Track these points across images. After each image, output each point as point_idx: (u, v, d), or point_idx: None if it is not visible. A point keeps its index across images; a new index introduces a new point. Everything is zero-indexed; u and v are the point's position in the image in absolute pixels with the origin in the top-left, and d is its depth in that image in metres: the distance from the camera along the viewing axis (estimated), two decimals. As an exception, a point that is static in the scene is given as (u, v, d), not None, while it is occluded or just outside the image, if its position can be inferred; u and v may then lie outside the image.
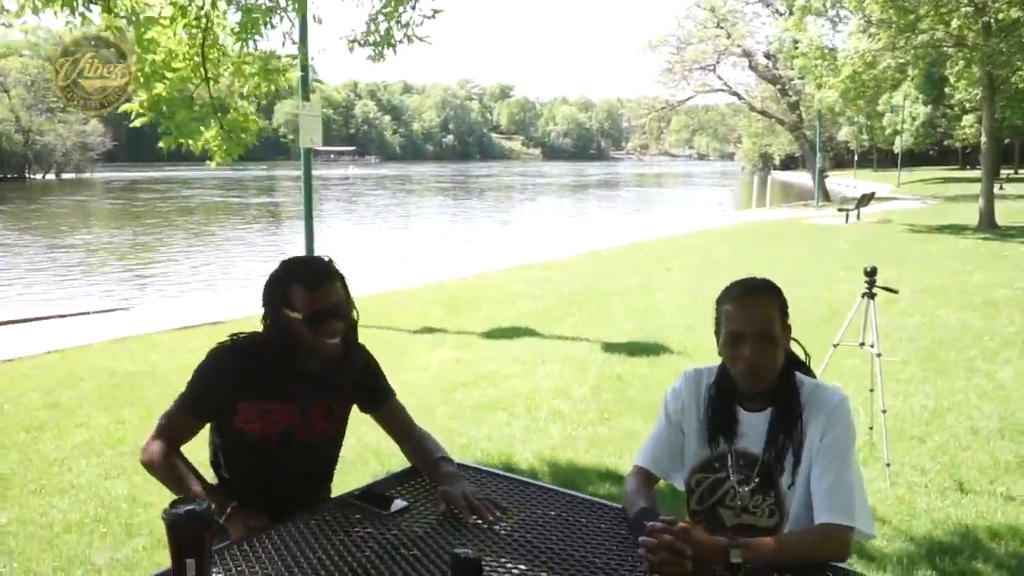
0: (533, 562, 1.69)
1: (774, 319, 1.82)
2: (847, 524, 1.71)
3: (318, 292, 2.07)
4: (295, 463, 2.13)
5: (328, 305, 2.07)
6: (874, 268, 4.04)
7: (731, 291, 1.88)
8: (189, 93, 4.58)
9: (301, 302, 2.05)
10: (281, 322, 2.07)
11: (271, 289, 2.12)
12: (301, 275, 2.09)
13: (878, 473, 4.02)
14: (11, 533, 3.53)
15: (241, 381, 2.07)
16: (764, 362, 1.81)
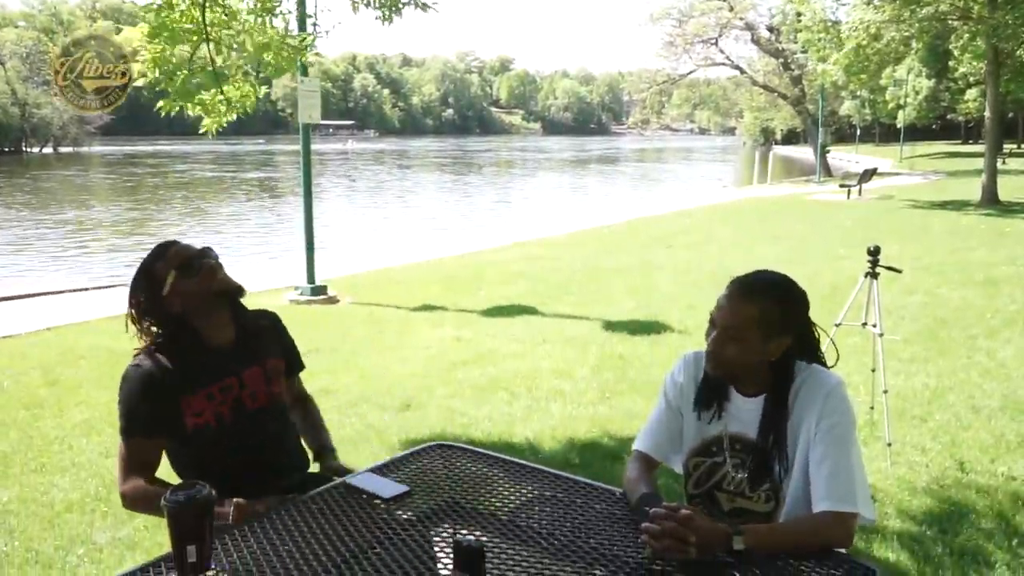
0: (534, 547, 1.68)
1: (747, 323, 1.78)
2: (849, 510, 1.70)
3: (170, 252, 2.12)
4: (255, 434, 2.14)
5: (188, 254, 2.12)
6: (877, 247, 4.00)
7: (735, 277, 1.87)
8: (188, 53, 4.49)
9: (166, 268, 2.09)
10: (168, 308, 2.09)
11: (139, 293, 2.12)
12: (152, 254, 2.15)
13: (879, 452, 4.02)
14: (12, 512, 3.53)
15: (171, 382, 2.04)
16: (721, 354, 1.81)
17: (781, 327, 1.80)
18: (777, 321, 1.79)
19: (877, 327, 4.01)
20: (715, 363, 1.84)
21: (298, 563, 1.61)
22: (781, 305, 1.82)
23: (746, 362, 1.81)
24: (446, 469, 2.10)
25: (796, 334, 1.84)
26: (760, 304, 1.80)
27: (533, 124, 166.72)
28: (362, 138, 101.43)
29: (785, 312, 1.82)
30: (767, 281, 1.85)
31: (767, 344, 1.79)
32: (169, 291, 2.08)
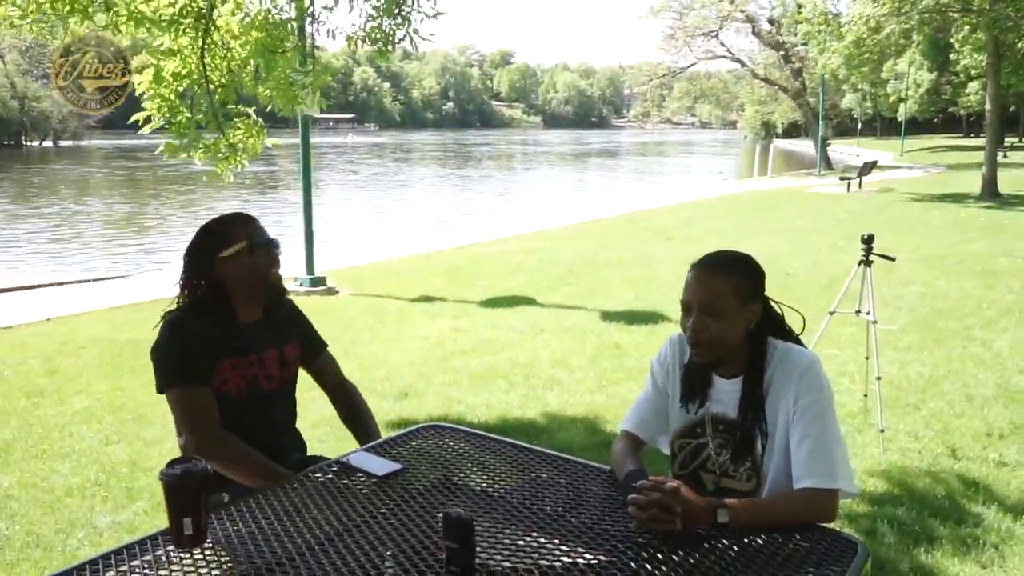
0: (524, 522, 1.71)
1: (722, 294, 1.81)
2: (831, 487, 1.73)
3: (251, 223, 2.21)
4: (263, 416, 2.19)
5: (262, 232, 2.20)
6: (871, 236, 4.03)
7: (694, 262, 1.90)
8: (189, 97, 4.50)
9: (235, 236, 2.15)
10: (216, 271, 2.13)
11: (200, 245, 2.17)
12: (226, 219, 2.22)
13: (872, 439, 4.05)
14: (13, 497, 3.57)
15: (203, 343, 2.09)
16: (704, 334, 1.83)
17: (751, 293, 1.85)
18: (748, 290, 1.85)
19: (871, 315, 4.04)
20: (701, 344, 1.85)
21: (292, 537, 1.64)
22: (747, 273, 1.87)
23: (729, 338, 1.83)
24: (439, 449, 2.13)
25: (763, 305, 1.88)
26: (730, 275, 1.84)
27: (534, 118, 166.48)
28: (362, 132, 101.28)
29: (750, 277, 1.87)
30: (728, 255, 1.91)
31: (743, 312, 1.82)
32: (229, 255, 2.13)
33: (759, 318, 1.86)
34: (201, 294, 2.14)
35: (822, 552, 1.61)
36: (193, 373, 2.07)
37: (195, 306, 2.13)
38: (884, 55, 20.15)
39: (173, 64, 4.30)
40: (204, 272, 2.14)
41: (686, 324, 1.87)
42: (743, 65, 34.08)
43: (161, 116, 4.33)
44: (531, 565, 1.55)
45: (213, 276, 2.14)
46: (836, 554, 1.60)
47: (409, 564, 1.54)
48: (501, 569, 1.53)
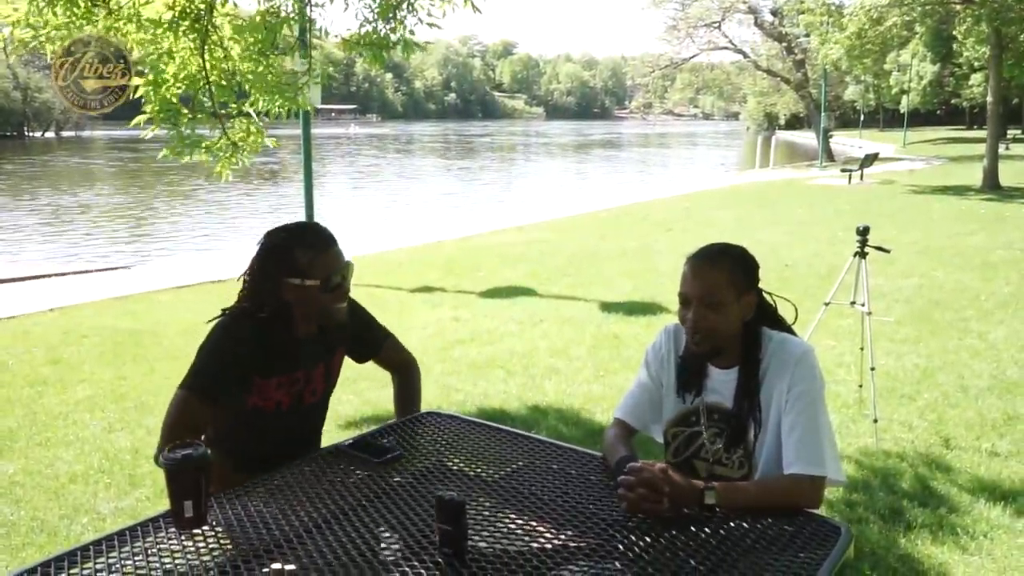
0: (517, 507, 1.75)
1: (720, 285, 1.85)
2: (818, 473, 1.77)
3: (327, 255, 2.06)
4: (300, 425, 2.19)
5: (338, 267, 2.07)
6: (866, 227, 4.06)
7: (690, 255, 1.94)
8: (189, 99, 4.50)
9: (311, 267, 2.02)
10: (282, 292, 2.04)
11: (270, 257, 2.06)
12: (306, 240, 2.07)
13: (866, 429, 4.09)
14: (18, 483, 3.62)
15: (254, 356, 2.02)
16: (704, 326, 1.86)
17: (746, 283, 1.90)
18: (742, 277, 1.89)
19: (865, 306, 4.07)
20: (701, 336, 1.88)
21: (290, 519, 1.69)
22: (743, 265, 1.92)
23: (726, 328, 1.87)
24: (436, 435, 2.17)
25: (758, 296, 1.92)
26: (725, 266, 1.89)
27: (536, 109, 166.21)
28: (364, 123, 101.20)
29: (747, 269, 1.91)
30: (723, 247, 1.95)
31: (740, 303, 1.87)
32: (295, 286, 2.03)
33: (755, 308, 1.90)
34: (263, 306, 2.05)
35: (807, 536, 1.65)
36: (210, 384, 1.99)
37: (255, 315, 2.05)
38: (887, 46, 20.10)
39: (173, 67, 4.33)
40: (270, 287, 2.05)
41: (684, 316, 1.91)
42: (745, 56, 33.96)
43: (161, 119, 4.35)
44: (523, 547, 1.60)
45: (279, 293, 2.04)
46: (820, 538, 1.64)
47: (404, 546, 1.58)
48: (493, 551, 1.57)
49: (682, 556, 1.56)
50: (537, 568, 1.51)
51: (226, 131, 4.29)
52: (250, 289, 2.09)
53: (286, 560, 1.52)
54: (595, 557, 1.56)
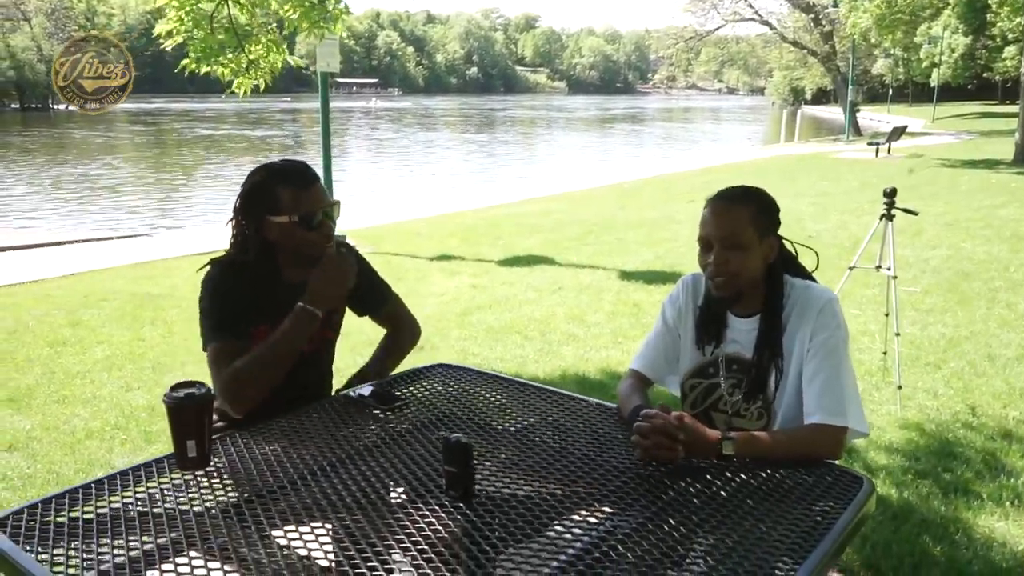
0: (526, 453, 1.71)
1: (742, 225, 1.78)
2: (839, 423, 1.71)
3: (309, 191, 1.99)
4: (302, 375, 2.10)
5: (321, 204, 2.00)
6: (893, 189, 3.95)
7: (710, 196, 1.87)
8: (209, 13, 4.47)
9: (291, 204, 1.96)
10: (266, 232, 1.98)
11: (251, 197, 2.00)
12: (287, 177, 2.00)
13: (889, 396, 4.01)
14: (35, 438, 3.64)
15: (248, 304, 1.97)
16: (727, 268, 1.79)
17: (768, 225, 1.83)
18: (764, 219, 1.82)
19: (891, 270, 3.97)
20: (724, 279, 1.81)
21: (294, 462, 1.65)
22: (760, 202, 1.84)
23: (750, 270, 1.80)
24: (447, 385, 2.13)
25: (779, 239, 1.85)
26: (747, 206, 1.82)
27: (558, 83, 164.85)
28: (386, 96, 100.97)
29: (766, 209, 1.84)
30: (742, 188, 1.88)
31: (762, 244, 1.80)
32: (277, 224, 1.97)
33: (777, 252, 1.83)
34: (247, 250, 2.00)
35: (826, 486, 1.59)
36: (237, 327, 1.95)
37: (240, 262, 2.00)
38: (917, 17, 19.61)
39: None
40: (252, 228, 1.99)
41: (705, 261, 1.84)
42: (771, 28, 33.35)
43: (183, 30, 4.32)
44: (531, 492, 1.55)
45: (261, 234, 1.99)
46: (839, 488, 1.58)
47: (410, 488, 1.54)
48: (501, 495, 1.53)
49: (695, 503, 1.51)
50: (546, 512, 1.47)
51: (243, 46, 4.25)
52: (235, 232, 2.04)
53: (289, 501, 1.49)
54: (605, 503, 1.52)
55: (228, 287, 1.97)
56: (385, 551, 1.34)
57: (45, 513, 1.47)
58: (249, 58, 4.67)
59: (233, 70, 4.67)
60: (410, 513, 1.45)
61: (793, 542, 1.37)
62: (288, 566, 1.30)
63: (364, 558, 1.31)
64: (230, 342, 1.92)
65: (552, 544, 1.37)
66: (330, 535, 1.39)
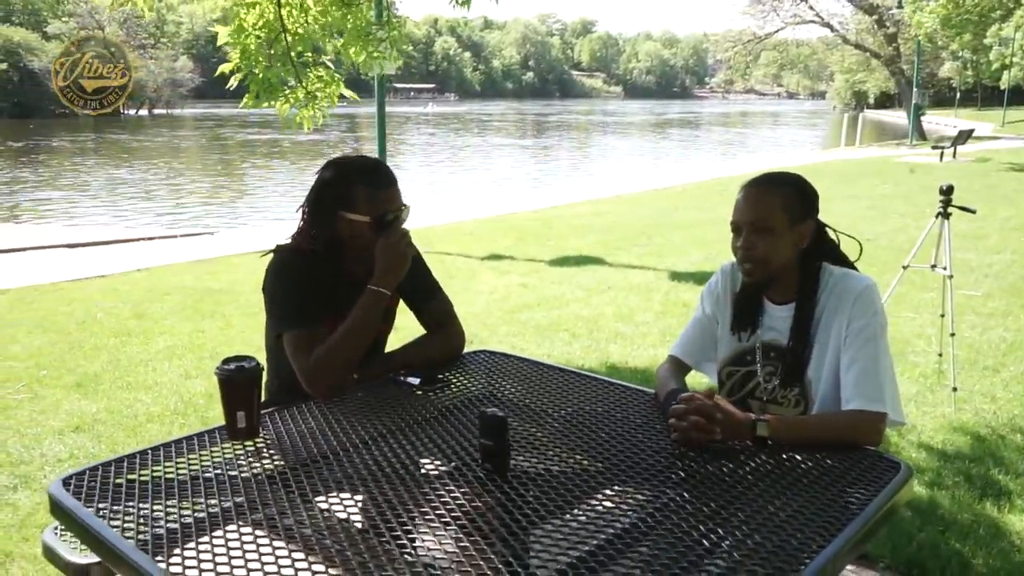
0: (562, 431, 1.75)
1: (771, 210, 1.79)
2: (878, 410, 1.70)
3: (386, 192, 2.01)
4: (364, 364, 2.10)
5: (395, 207, 2.02)
6: (950, 187, 3.87)
7: (745, 183, 1.88)
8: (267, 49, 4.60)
9: (367, 203, 1.97)
10: (337, 226, 1.99)
11: (327, 190, 2.02)
12: (366, 176, 2.01)
13: (944, 398, 3.92)
14: (100, 421, 3.81)
15: (315, 293, 1.99)
16: (755, 253, 1.80)
17: (801, 211, 1.82)
18: (798, 205, 1.81)
19: (947, 269, 3.88)
20: (751, 263, 1.84)
21: (337, 435, 1.72)
22: (794, 188, 1.85)
23: (778, 256, 1.81)
24: (487, 369, 2.18)
25: (816, 226, 1.84)
26: (776, 189, 1.83)
27: (614, 88, 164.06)
28: (442, 101, 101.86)
29: (799, 195, 1.84)
30: (776, 174, 1.90)
31: (793, 230, 1.80)
32: (349, 220, 1.98)
33: (810, 239, 1.83)
34: (316, 243, 2.01)
35: (860, 471, 1.58)
36: (312, 313, 1.96)
37: (307, 252, 2.01)
38: (986, 18, 18.98)
39: (252, 16, 4.46)
40: (324, 222, 2.00)
41: (735, 246, 1.86)
42: (833, 30, 32.66)
43: (243, 66, 4.48)
44: (565, 468, 1.59)
45: (332, 229, 1.99)
46: (875, 473, 1.58)
47: (446, 461, 1.60)
48: (536, 470, 1.57)
49: (727, 482, 1.52)
50: (580, 487, 1.50)
51: (302, 80, 4.38)
52: (305, 221, 2.05)
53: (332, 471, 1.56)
54: (637, 482, 1.54)
55: (298, 274, 1.99)
56: (421, 518, 1.39)
57: (105, 475, 1.56)
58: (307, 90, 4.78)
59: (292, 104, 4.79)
60: (446, 483, 1.51)
61: (821, 524, 1.37)
62: (328, 528, 1.36)
63: (400, 523, 1.36)
64: (308, 329, 1.95)
65: (589, 521, 1.40)
66: (369, 503, 1.45)
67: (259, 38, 4.32)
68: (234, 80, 4.57)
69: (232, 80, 4.58)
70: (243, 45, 4.35)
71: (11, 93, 48.55)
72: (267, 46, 4.41)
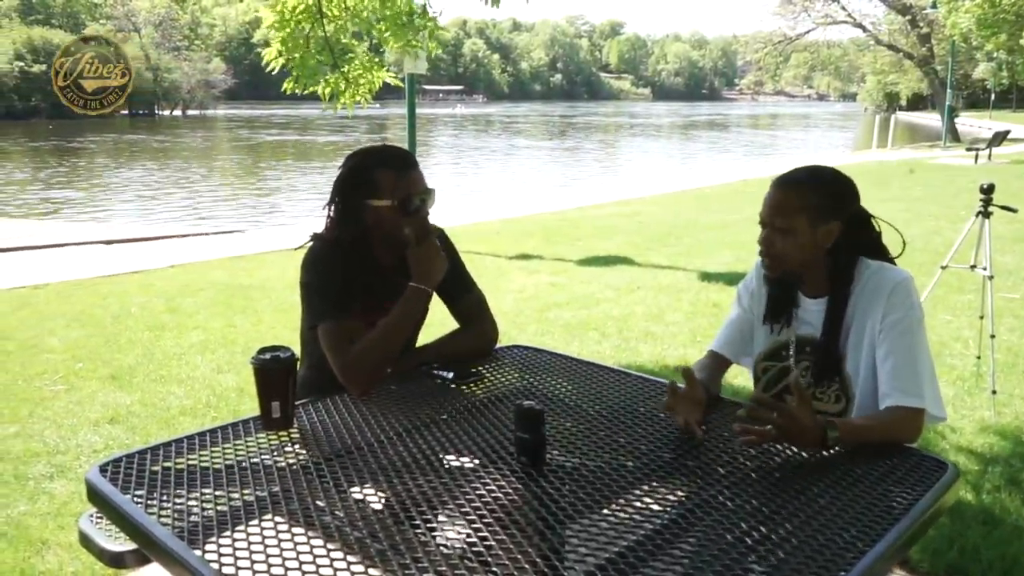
0: (598, 426, 1.73)
1: (789, 210, 1.76)
2: (916, 405, 1.66)
3: (408, 175, 2.01)
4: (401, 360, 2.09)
5: (419, 190, 2.02)
6: (991, 185, 3.79)
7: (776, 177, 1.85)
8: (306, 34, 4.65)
9: (390, 188, 1.97)
10: (364, 215, 2.00)
11: (350, 179, 2.02)
12: (387, 161, 2.03)
13: (983, 402, 3.83)
14: (134, 413, 3.86)
15: (349, 284, 1.99)
16: (772, 249, 1.79)
17: (827, 211, 1.77)
18: (821, 205, 1.77)
19: (987, 270, 3.80)
20: (768, 260, 1.82)
21: (372, 427, 1.71)
22: (823, 188, 1.80)
23: (799, 255, 1.77)
24: (520, 364, 2.17)
25: (848, 223, 1.79)
26: (800, 190, 1.79)
27: (642, 89, 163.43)
28: (471, 103, 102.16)
29: (828, 195, 1.79)
30: (807, 170, 1.84)
31: (815, 230, 1.75)
32: (375, 207, 1.99)
33: (837, 237, 1.78)
34: (345, 233, 2.01)
35: (905, 471, 1.55)
36: (347, 305, 1.96)
37: (338, 242, 2.01)
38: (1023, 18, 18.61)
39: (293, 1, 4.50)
40: (351, 212, 2.01)
41: (758, 240, 1.85)
42: (865, 30, 32.22)
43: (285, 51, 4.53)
44: (602, 463, 1.57)
45: (360, 219, 2.00)
46: (921, 473, 1.54)
47: (481, 453, 1.58)
48: (572, 464, 1.55)
49: (767, 481, 1.49)
50: (616, 481, 1.48)
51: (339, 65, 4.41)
52: (333, 215, 2.05)
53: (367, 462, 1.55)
54: (676, 477, 1.52)
55: (332, 265, 1.99)
56: (456, 511, 1.38)
57: (141, 463, 1.57)
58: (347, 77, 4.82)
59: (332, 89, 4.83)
60: (481, 476, 1.49)
61: (866, 524, 1.34)
62: (363, 519, 1.35)
63: (435, 515, 1.35)
64: (344, 322, 1.93)
65: (627, 517, 1.38)
66: (404, 495, 1.44)
67: (299, 23, 4.36)
68: (276, 64, 4.62)
69: (274, 64, 4.63)
70: (285, 31, 4.39)
71: (49, 94, 49.49)
72: (307, 32, 4.44)
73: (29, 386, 4.25)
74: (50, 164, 24.78)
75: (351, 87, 4.87)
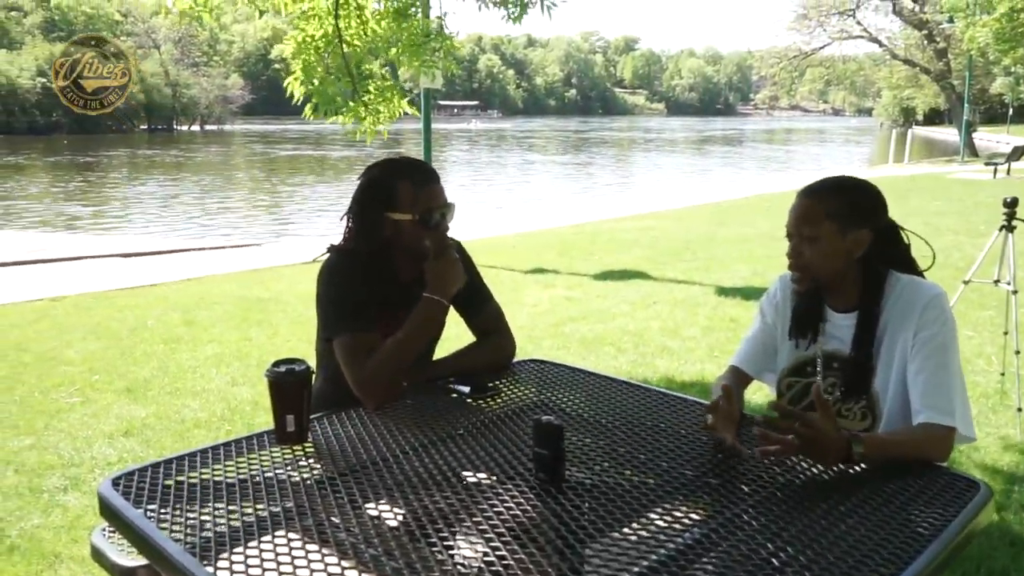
0: (617, 441, 1.69)
1: (816, 218, 1.72)
2: (947, 423, 1.61)
3: (429, 189, 1.99)
4: (414, 372, 2.06)
5: (440, 203, 1.99)
6: (1015, 199, 3.73)
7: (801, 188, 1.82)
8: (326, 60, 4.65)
9: (410, 201, 1.95)
10: (383, 227, 1.98)
11: (370, 191, 2.01)
12: (408, 174, 2.00)
13: (1007, 420, 3.76)
14: (149, 426, 3.85)
15: (368, 297, 1.96)
16: (800, 261, 1.75)
17: (856, 218, 1.73)
18: (848, 213, 1.73)
19: (1011, 284, 3.74)
20: (798, 272, 1.79)
21: (387, 441, 1.69)
22: (849, 194, 1.77)
23: (828, 264, 1.74)
24: (538, 378, 2.14)
25: (878, 233, 1.75)
26: (827, 198, 1.76)
27: (657, 105, 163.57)
28: (485, 118, 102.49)
29: (855, 203, 1.76)
30: (832, 179, 1.82)
31: (844, 239, 1.72)
32: (394, 220, 1.96)
33: (867, 247, 1.75)
34: (363, 244, 1.99)
35: (937, 490, 1.50)
36: (366, 317, 1.93)
37: (356, 255, 1.99)
38: (1044, 32, 18.47)
39: (312, 26, 4.52)
40: (370, 224, 1.99)
41: (787, 253, 1.81)
42: (881, 45, 32.13)
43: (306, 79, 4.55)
44: (622, 480, 1.53)
45: (378, 231, 1.98)
46: (952, 494, 1.49)
47: (499, 470, 1.55)
48: (591, 481, 1.51)
49: (793, 500, 1.45)
50: (637, 499, 1.44)
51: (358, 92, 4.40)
52: (352, 227, 2.03)
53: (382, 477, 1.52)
54: (699, 495, 1.48)
55: (349, 277, 1.96)
56: (473, 527, 1.35)
57: (154, 477, 1.55)
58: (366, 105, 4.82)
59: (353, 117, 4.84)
60: (498, 492, 1.46)
61: (897, 546, 1.29)
62: (378, 535, 1.32)
63: (451, 531, 1.32)
64: (362, 334, 1.91)
65: (650, 536, 1.34)
66: (420, 511, 1.41)
67: (319, 50, 4.37)
68: (299, 92, 4.62)
69: (295, 92, 4.62)
70: (305, 58, 4.41)
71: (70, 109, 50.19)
72: (326, 58, 4.45)
73: (45, 398, 4.26)
74: (72, 178, 25.05)
75: (371, 115, 4.87)
